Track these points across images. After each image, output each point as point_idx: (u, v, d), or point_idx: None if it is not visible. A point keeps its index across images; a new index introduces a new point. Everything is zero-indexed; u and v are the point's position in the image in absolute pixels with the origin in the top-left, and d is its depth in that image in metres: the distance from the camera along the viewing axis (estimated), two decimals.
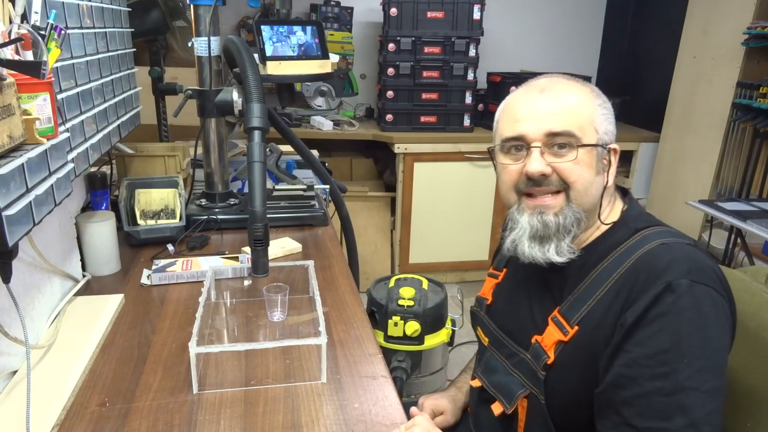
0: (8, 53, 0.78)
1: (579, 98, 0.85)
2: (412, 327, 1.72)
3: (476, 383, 0.99)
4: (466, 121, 2.96)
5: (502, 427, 0.94)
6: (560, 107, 0.84)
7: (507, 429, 0.93)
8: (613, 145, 0.87)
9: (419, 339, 1.76)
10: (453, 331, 1.86)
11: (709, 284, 0.74)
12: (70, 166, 0.92)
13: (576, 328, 0.81)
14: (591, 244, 0.87)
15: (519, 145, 0.85)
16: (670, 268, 0.74)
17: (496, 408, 0.91)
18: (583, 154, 0.83)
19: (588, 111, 0.85)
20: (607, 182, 0.86)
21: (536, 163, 0.82)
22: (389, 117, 2.93)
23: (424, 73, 2.87)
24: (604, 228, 0.87)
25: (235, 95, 1.44)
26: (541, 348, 0.85)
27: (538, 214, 0.84)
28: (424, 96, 2.91)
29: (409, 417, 0.88)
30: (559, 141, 0.82)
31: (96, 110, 1.17)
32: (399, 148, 2.85)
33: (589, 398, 0.80)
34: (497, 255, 1.09)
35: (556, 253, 0.84)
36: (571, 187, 0.83)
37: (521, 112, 0.86)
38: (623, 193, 0.93)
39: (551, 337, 0.84)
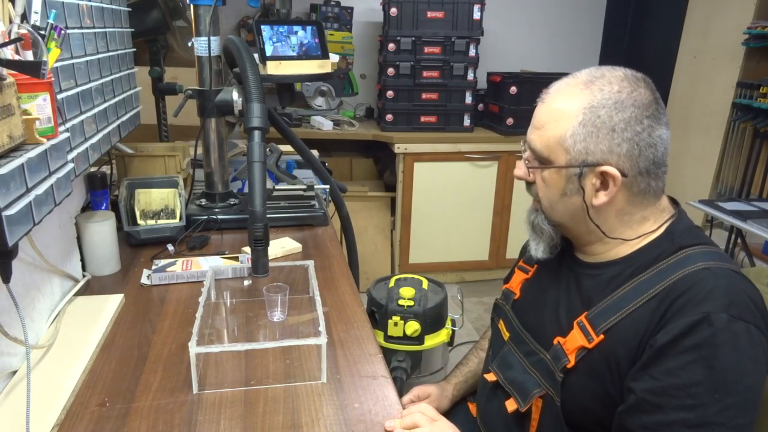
0: (8, 53, 0.78)
1: (559, 114, 0.81)
2: (412, 327, 1.72)
3: (491, 377, 0.98)
4: (466, 121, 2.96)
5: (514, 424, 0.93)
6: (542, 121, 0.83)
7: (519, 426, 0.93)
8: (604, 168, 0.79)
9: (419, 339, 1.76)
10: (453, 331, 1.86)
11: (749, 320, 0.71)
12: (70, 166, 0.92)
13: (602, 336, 0.80)
14: (631, 254, 0.84)
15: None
16: (710, 298, 0.72)
17: (510, 405, 0.91)
18: (548, 174, 0.84)
19: (560, 130, 0.80)
20: (588, 205, 0.82)
21: (516, 168, 0.91)
22: (389, 117, 2.93)
23: (424, 73, 2.87)
24: (646, 240, 0.84)
25: (235, 95, 1.44)
26: (562, 350, 0.84)
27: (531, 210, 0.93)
28: (424, 96, 2.91)
29: None
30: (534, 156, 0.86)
31: (96, 110, 1.17)
32: (399, 148, 2.85)
33: (604, 407, 0.80)
34: (527, 249, 1.08)
35: (535, 252, 0.93)
36: (540, 202, 0.89)
37: (533, 114, 0.87)
38: (674, 202, 0.89)
39: (574, 341, 0.83)
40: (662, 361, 0.73)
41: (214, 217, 1.50)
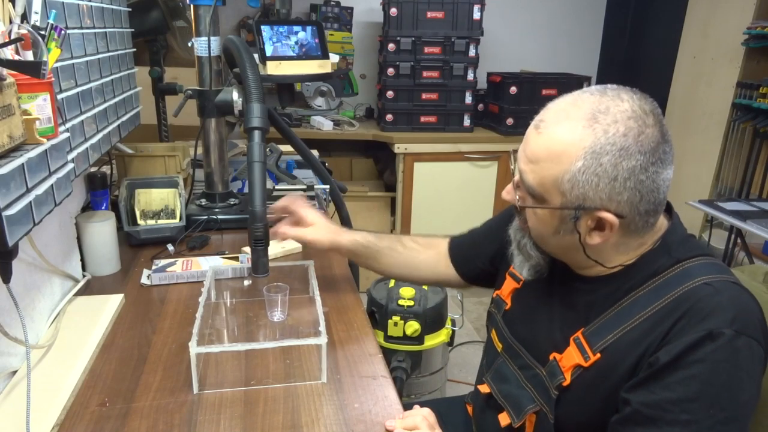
0: (8, 53, 0.78)
1: (557, 152, 0.73)
2: (412, 327, 1.72)
3: (485, 389, 0.96)
4: (466, 121, 2.96)
5: None
6: (537, 155, 0.76)
7: None
8: (602, 214, 0.73)
9: (419, 339, 1.76)
10: (453, 331, 1.86)
11: (751, 335, 0.70)
12: (70, 166, 0.92)
13: (598, 355, 0.78)
14: (626, 269, 0.81)
15: None
16: (715, 315, 0.70)
17: (503, 419, 0.90)
18: (541, 212, 0.79)
19: (557, 171, 0.73)
20: (584, 244, 0.78)
21: (505, 192, 0.86)
22: (389, 117, 2.93)
23: (424, 73, 2.87)
24: (640, 252, 0.80)
25: (235, 95, 1.44)
26: (558, 367, 0.82)
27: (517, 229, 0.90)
28: (424, 96, 2.91)
29: None
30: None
31: (96, 110, 1.17)
32: (399, 148, 2.85)
33: (599, 426, 0.79)
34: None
35: (519, 268, 0.90)
36: (530, 230, 0.85)
37: (525, 138, 0.80)
38: (667, 209, 0.83)
39: (570, 358, 0.81)
40: (661, 377, 0.72)
41: (214, 217, 1.50)
